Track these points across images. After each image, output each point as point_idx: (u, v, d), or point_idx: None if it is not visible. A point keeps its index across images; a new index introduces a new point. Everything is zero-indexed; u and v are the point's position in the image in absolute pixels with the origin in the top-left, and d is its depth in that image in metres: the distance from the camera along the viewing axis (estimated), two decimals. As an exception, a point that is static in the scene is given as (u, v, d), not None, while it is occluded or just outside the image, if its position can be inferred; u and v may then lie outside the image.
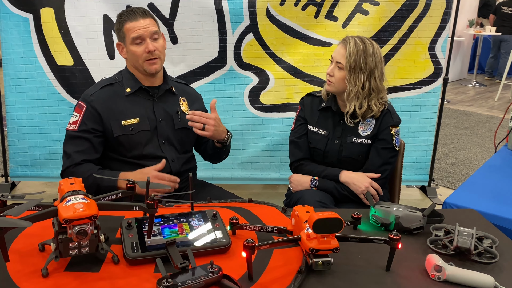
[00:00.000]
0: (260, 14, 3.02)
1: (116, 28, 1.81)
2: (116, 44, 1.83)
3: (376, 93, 1.87)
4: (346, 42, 1.85)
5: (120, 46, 1.81)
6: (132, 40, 1.74)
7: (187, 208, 1.41)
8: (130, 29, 1.74)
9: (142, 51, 1.74)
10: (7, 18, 2.93)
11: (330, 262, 1.13)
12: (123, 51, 1.81)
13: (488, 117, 6.18)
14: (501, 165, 2.24)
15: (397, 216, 1.38)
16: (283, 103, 3.20)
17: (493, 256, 1.25)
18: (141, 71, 1.80)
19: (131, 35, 1.73)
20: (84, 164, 1.73)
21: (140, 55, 1.75)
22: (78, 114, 1.77)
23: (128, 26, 1.74)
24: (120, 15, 1.78)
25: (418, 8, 3.08)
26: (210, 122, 1.75)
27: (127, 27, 1.74)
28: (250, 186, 3.48)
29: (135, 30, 1.73)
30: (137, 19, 1.73)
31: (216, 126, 1.78)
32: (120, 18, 1.78)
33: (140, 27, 1.73)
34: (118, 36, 1.80)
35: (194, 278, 1.04)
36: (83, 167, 1.73)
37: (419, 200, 3.46)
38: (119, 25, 1.78)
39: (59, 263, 1.13)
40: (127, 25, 1.75)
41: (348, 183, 1.88)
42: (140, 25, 1.73)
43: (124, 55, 1.81)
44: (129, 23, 1.74)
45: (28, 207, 1.08)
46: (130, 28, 1.74)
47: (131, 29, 1.74)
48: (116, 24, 1.81)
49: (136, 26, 1.73)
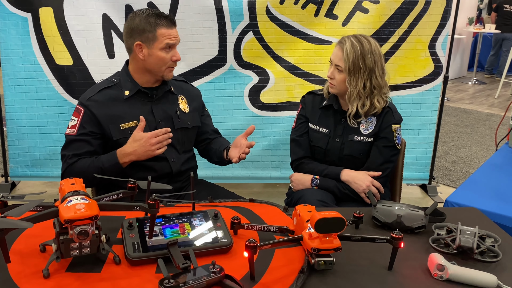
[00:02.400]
0: (260, 13, 3.02)
1: (141, 28, 1.73)
2: (135, 43, 1.75)
3: (378, 90, 1.87)
4: (343, 44, 1.84)
5: (140, 47, 1.75)
6: (165, 45, 1.74)
7: (188, 208, 1.41)
8: (165, 35, 1.73)
9: (169, 58, 1.77)
10: (6, 18, 2.92)
11: (332, 261, 1.13)
12: (141, 52, 1.76)
13: (488, 115, 6.18)
14: (503, 163, 2.24)
15: (399, 215, 1.38)
16: (283, 101, 3.19)
17: (495, 255, 1.25)
18: (156, 76, 1.80)
19: (165, 41, 1.73)
20: (79, 160, 1.73)
21: (167, 62, 1.77)
22: (76, 118, 1.76)
23: (163, 31, 1.73)
24: (150, 16, 1.73)
25: (418, 6, 3.07)
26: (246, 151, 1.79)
27: (163, 32, 1.73)
28: (250, 185, 3.48)
29: (170, 37, 1.75)
30: (172, 27, 1.76)
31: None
32: (150, 20, 1.72)
33: (174, 36, 1.77)
34: (141, 37, 1.74)
35: (196, 278, 1.03)
36: (80, 162, 1.72)
37: (419, 199, 3.46)
38: (149, 27, 1.72)
39: (61, 264, 1.12)
40: (162, 30, 1.73)
41: (349, 181, 1.88)
42: (175, 34, 1.77)
43: (142, 57, 1.76)
44: (165, 29, 1.74)
45: (29, 207, 1.07)
46: (166, 34, 1.74)
47: (167, 35, 1.74)
48: (142, 23, 1.73)
49: (171, 34, 1.75)
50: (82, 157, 1.74)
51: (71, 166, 1.72)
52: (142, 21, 1.74)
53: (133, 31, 1.75)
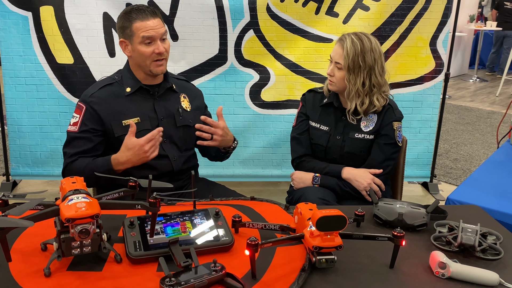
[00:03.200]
0: (260, 11, 3.01)
1: (121, 25, 1.74)
2: (119, 41, 1.77)
3: (378, 88, 1.86)
4: (343, 42, 1.83)
5: (124, 44, 1.76)
6: (141, 39, 1.69)
7: (190, 206, 1.41)
8: (140, 29, 1.69)
9: (151, 52, 1.71)
10: (6, 17, 2.91)
11: (333, 259, 1.12)
12: (127, 49, 1.76)
13: (489, 113, 6.17)
14: (504, 161, 2.23)
15: (400, 213, 1.38)
16: (284, 99, 3.19)
17: (497, 253, 1.25)
18: (145, 71, 1.77)
19: (141, 35, 1.69)
20: (79, 159, 1.73)
21: (149, 55, 1.71)
22: (78, 115, 1.76)
23: (138, 25, 1.69)
24: (128, 12, 1.72)
25: (419, 4, 3.07)
26: (218, 132, 1.74)
27: (137, 25, 1.69)
28: (251, 183, 3.47)
29: (146, 30, 1.69)
30: (147, 18, 1.69)
31: (224, 135, 1.77)
32: (128, 16, 1.72)
33: (151, 28, 1.69)
34: (123, 34, 1.74)
35: (197, 276, 1.03)
36: (79, 162, 1.72)
37: (421, 196, 3.45)
38: (127, 23, 1.71)
39: (62, 262, 1.12)
40: (136, 23, 1.69)
41: (350, 179, 1.88)
42: (151, 25, 1.69)
43: (128, 53, 1.77)
44: (139, 22, 1.69)
45: (30, 206, 1.07)
46: (141, 27, 1.69)
47: (141, 28, 1.69)
48: (121, 20, 1.74)
49: (147, 26, 1.69)
50: (81, 156, 1.73)
51: (70, 164, 1.73)
52: (122, 17, 1.74)
53: (119, 30, 1.77)
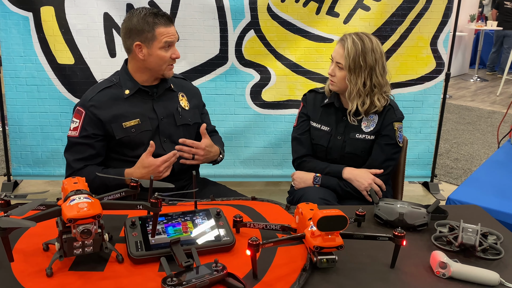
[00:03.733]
0: (261, 11, 3.01)
1: (140, 28, 1.72)
2: (135, 43, 1.74)
3: (379, 88, 1.87)
4: (344, 42, 1.84)
5: (140, 47, 1.75)
6: (163, 44, 1.74)
7: (191, 207, 1.41)
8: (163, 34, 1.73)
9: (169, 57, 1.77)
10: (7, 17, 2.92)
11: (334, 259, 1.13)
12: (141, 52, 1.76)
13: (490, 112, 6.16)
14: (505, 161, 2.23)
15: (401, 213, 1.38)
16: (284, 100, 3.19)
17: (498, 252, 1.25)
18: (156, 75, 1.80)
19: (164, 40, 1.73)
20: (86, 168, 1.73)
21: (167, 60, 1.77)
22: (77, 120, 1.76)
23: (162, 30, 1.73)
24: (150, 16, 1.72)
25: (419, 4, 3.07)
26: (199, 153, 1.77)
27: (161, 31, 1.73)
28: (252, 183, 3.48)
29: (169, 35, 1.74)
30: (169, 24, 1.76)
31: (206, 154, 1.80)
32: (148, 19, 1.71)
33: (173, 34, 1.76)
34: (140, 37, 1.73)
35: (199, 276, 1.04)
36: (86, 170, 1.72)
37: (421, 196, 3.46)
38: (147, 27, 1.72)
39: (64, 262, 1.13)
40: (160, 29, 1.72)
41: (351, 179, 1.88)
42: (173, 31, 1.76)
43: (142, 56, 1.76)
44: (163, 27, 1.73)
45: (32, 207, 1.08)
46: (164, 32, 1.73)
47: (165, 34, 1.73)
48: (140, 23, 1.72)
49: (169, 32, 1.75)
50: (89, 164, 1.73)
51: (77, 172, 1.72)
52: (140, 21, 1.73)
53: (131, 32, 1.75)
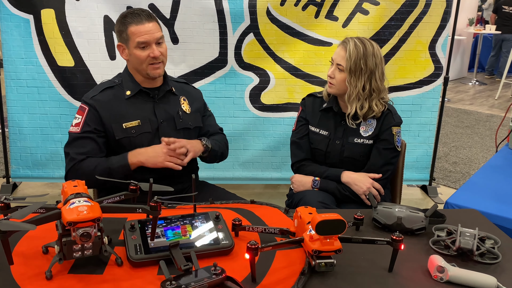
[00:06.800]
0: (260, 14, 3.02)
1: (117, 29, 1.77)
2: (116, 45, 1.80)
3: (377, 93, 1.88)
4: (346, 44, 1.85)
5: (121, 48, 1.78)
6: (137, 44, 1.71)
7: (190, 210, 1.41)
8: (135, 33, 1.70)
9: (147, 56, 1.72)
10: (8, 19, 2.92)
11: (333, 263, 1.13)
12: (124, 53, 1.78)
13: (488, 116, 6.18)
14: (503, 165, 2.24)
15: (399, 217, 1.38)
16: (284, 103, 3.20)
17: (495, 257, 1.26)
18: (143, 74, 1.79)
19: (136, 39, 1.70)
20: (87, 159, 1.72)
21: (144, 59, 1.73)
22: (80, 116, 1.76)
23: (133, 29, 1.70)
24: (124, 17, 1.74)
25: (418, 8, 3.08)
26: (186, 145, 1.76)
27: (132, 30, 1.71)
28: (251, 186, 3.48)
29: (141, 34, 1.70)
30: (142, 22, 1.70)
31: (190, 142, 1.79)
32: (123, 20, 1.74)
33: (146, 32, 1.70)
34: (120, 38, 1.77)
35: (198, 280, 1.04)
36: (87, 161, 1.72)
37: (420, 200, 3.46)
38: (122, 27, 1.74)
39: (63, 265, 1.13)
40: (131, 28, 1.71)
41: (349, 183, 1.89)
42: (146, 30, 1.70)
43: (126, 57, 1.79)
44: (134, 26, 1.70)
45: (32, 210, 1.08)
46: (135, 31, 1.70)
47: (136, 33, 1.70)
48: (118, 25, 1.76)
49: (142, 31, 1.70)
50: (90, 156, 1.73)
51: (78, 163, 1.71)
52: (118, 21, 1.76)
53: (117, 34, 1.79)
